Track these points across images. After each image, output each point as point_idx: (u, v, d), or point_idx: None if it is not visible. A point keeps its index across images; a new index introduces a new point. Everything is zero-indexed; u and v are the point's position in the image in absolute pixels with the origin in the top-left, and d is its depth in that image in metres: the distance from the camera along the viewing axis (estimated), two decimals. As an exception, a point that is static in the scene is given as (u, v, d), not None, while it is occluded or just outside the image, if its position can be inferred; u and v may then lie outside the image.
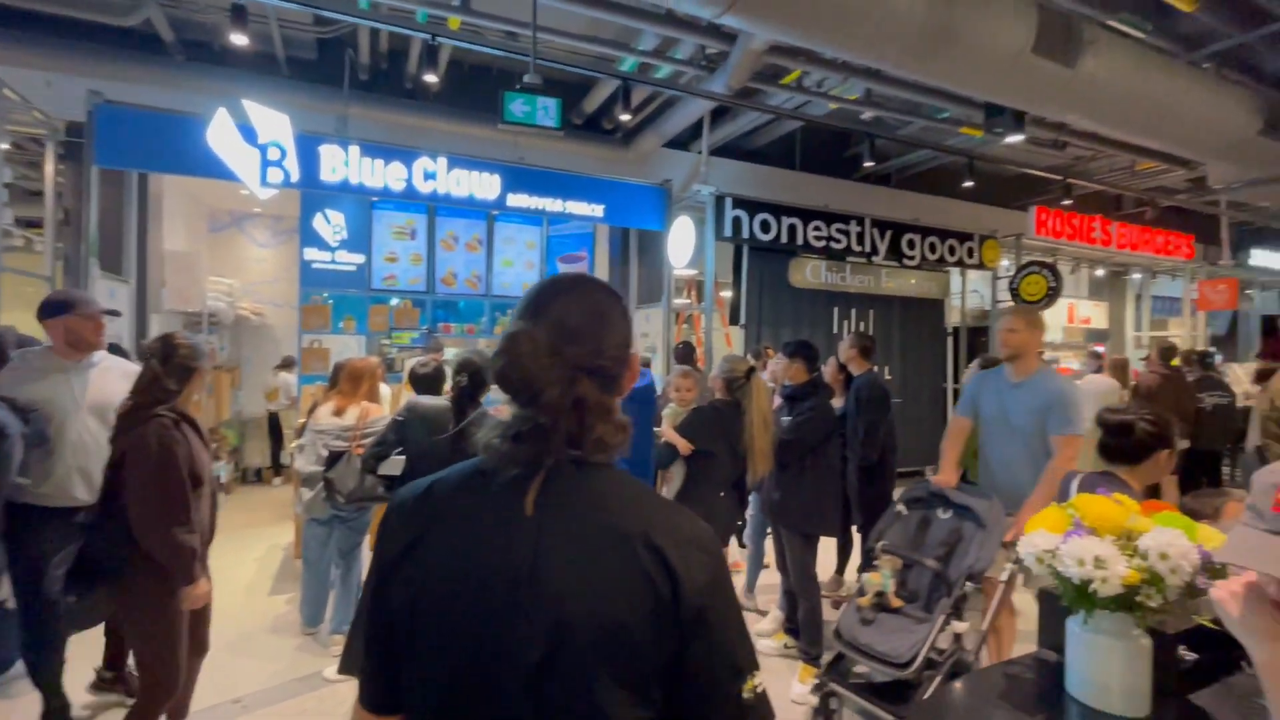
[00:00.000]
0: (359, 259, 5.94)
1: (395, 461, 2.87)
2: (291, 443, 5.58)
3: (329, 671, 3.03)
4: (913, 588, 2.45)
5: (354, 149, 4.69)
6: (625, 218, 5.91)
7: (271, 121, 4.46)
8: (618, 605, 0.67)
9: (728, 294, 6.78)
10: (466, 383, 2.65)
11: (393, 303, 6.37)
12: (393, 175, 4.80)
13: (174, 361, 2.03)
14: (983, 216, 8.37)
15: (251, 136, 4.40)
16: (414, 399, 2.99)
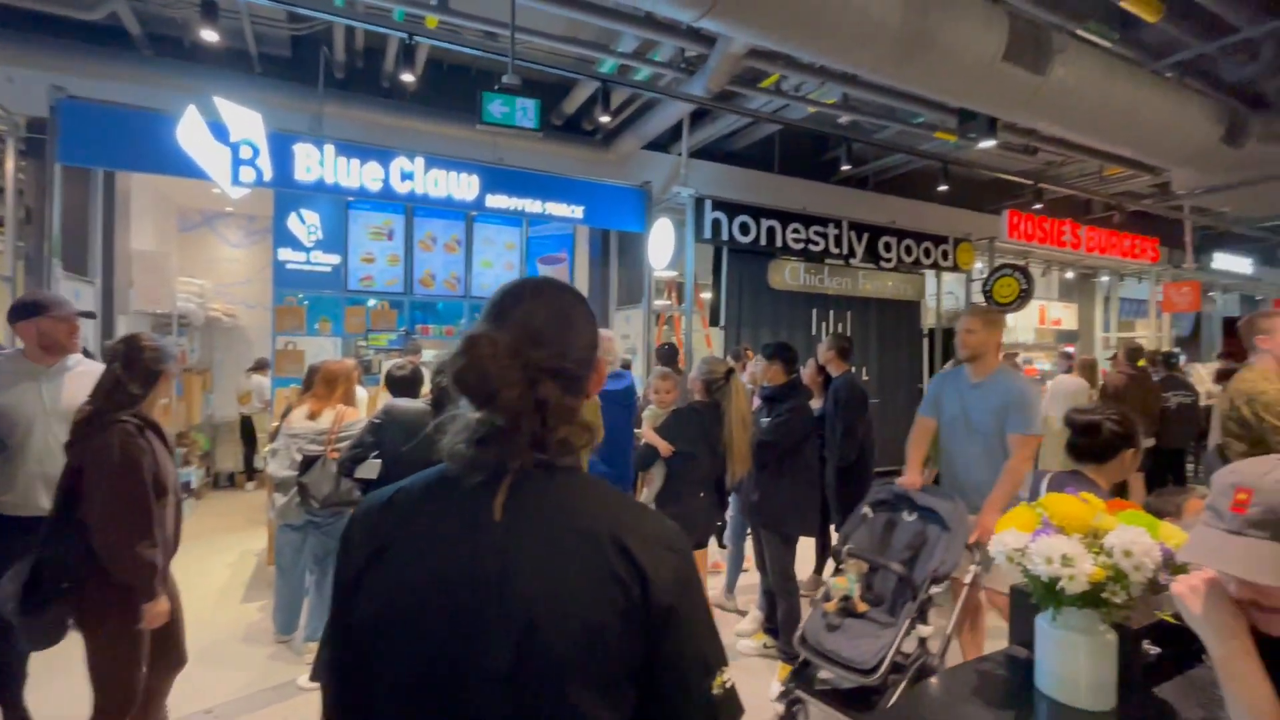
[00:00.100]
0: (335, 260, 5.86)
1: (372, 465, 2.83)
2: (265, 447, 5.48)
3: (303, 680, 2.98)
4: (878, 591, 2.45)
5: (329, 148, 4.62)
6: (605, 219, 5.91)
7: (243, 119, 4.37)
8: (588, 608, 0.67)
9: (708, 295, 6.81)
10: (446, 384, 2.63)
11: (370, 304, 6.29)
12: (369, 175, 4.73)
13: (139, 365, 1.95)
14: (957, 220, 8.52)
15: (223, 134, 4.31)
16: (391, 402, 2.96)
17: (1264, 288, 12.99)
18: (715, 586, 4.01)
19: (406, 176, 4.84)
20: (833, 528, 4.01)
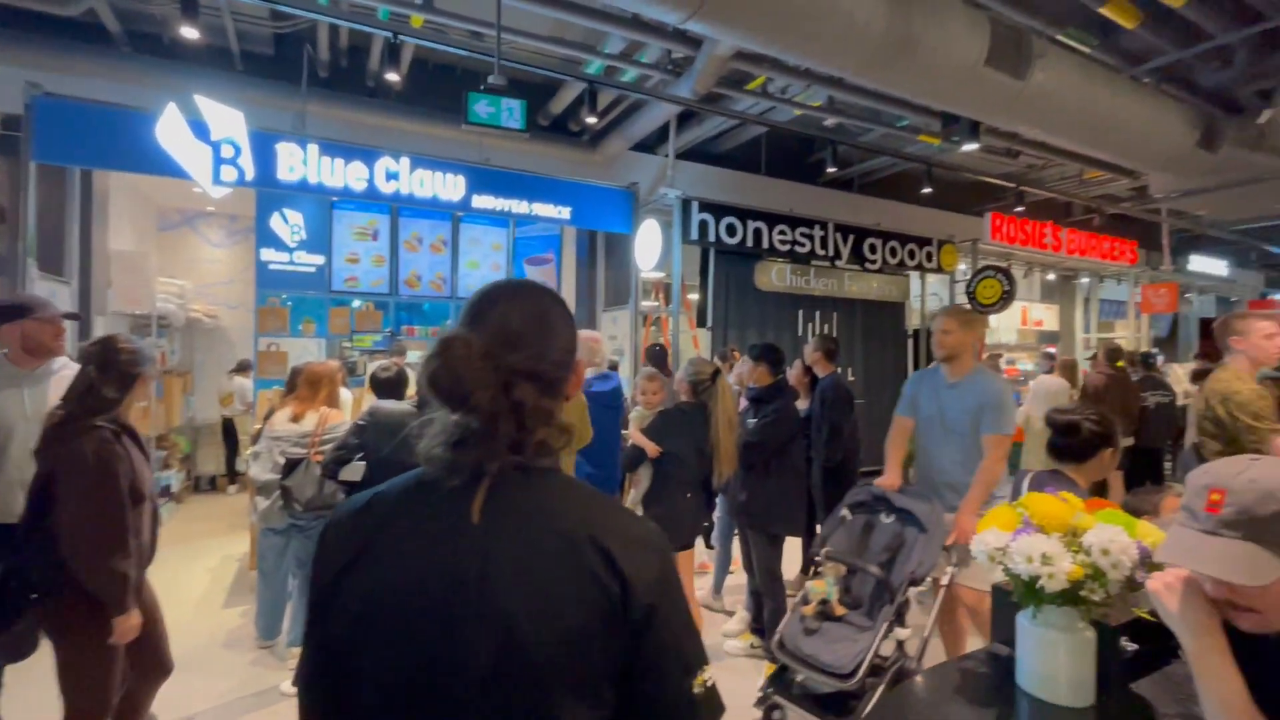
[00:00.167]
0: (319, 260, 5.80)
1: (356, 467, 2.81)
2: (247, 449, 5.41)
3: (285, 685, 2.94)
4: (856, 594, 2.43)
5: (313, 147, 4.57)
6: (592, 220, 5.90)
7: (225, 118, 4.31)
8: (568, 610, 0.67)
9: (695, 296, 6.83)
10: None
11: (354, 305, 6.24)
12: (353, 175, 4.69)
13: (114, 367, 1.88)
14: (941, 222, 8.61)
15: (203, 133, 4.25)
16: (376, 403, 2.93)
17: (1238, 289, 13.28)
18: (703, 587, 4.01)
19: (392, 176, 4.80)
20: (819, 527, 4.04)
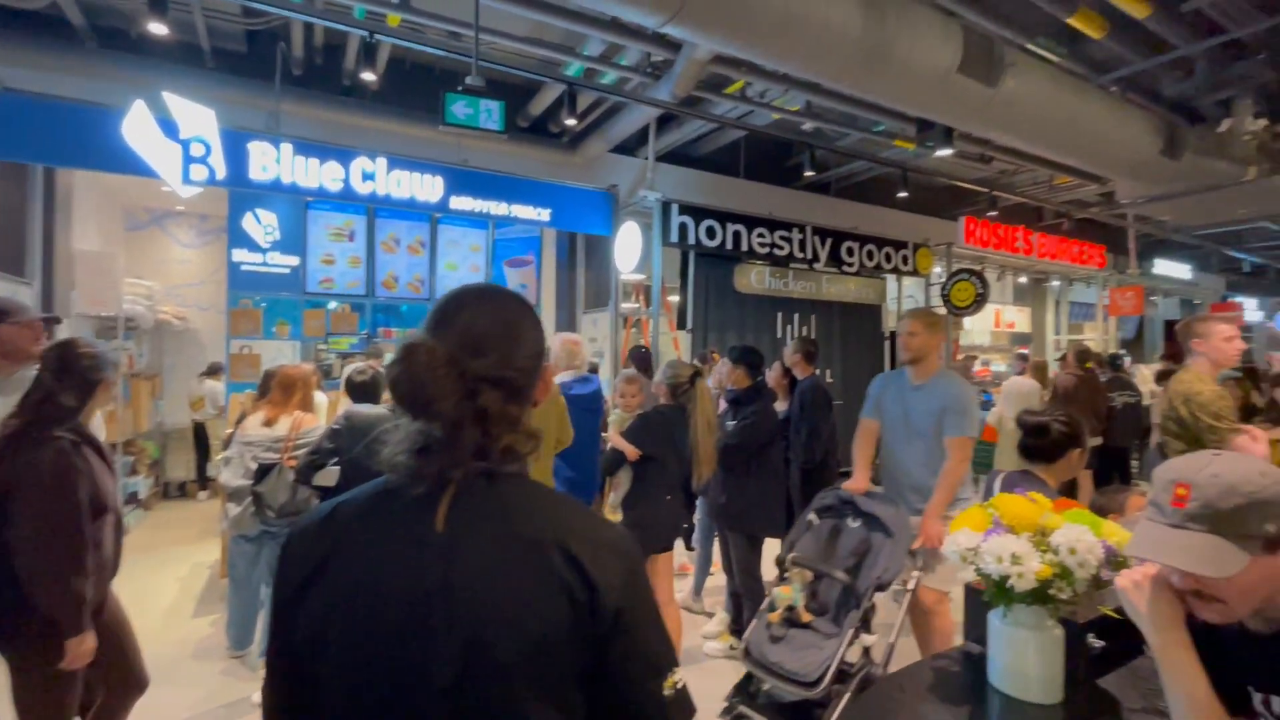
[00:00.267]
0: (293, 261, 5.71)
1: (330, 473, 2.76)
2: (218, 454, 5.29)
3: (257, 696, 2.87)
4: (823, 600, 2.38)
5: (286, 147, 4.49)
6: (572, 222, 5.89)
7: (195, 116, 4.23)
8: (535, 616, 0.67)
9: (675, 298, 6.85)
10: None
11: (330, 307, 6.15)
12: (328, 175, 4.62)
13: (73, 374, 1.80)
14: (916, 225, 8.75)
15: (172, 131, 4.16)
16: (352, 407, 2.89)
17: (1201, 292, 13.70)
18: (683, 589, 4.02)
19: (368, 177, 4.74)
20: (797, 529, 4.07)
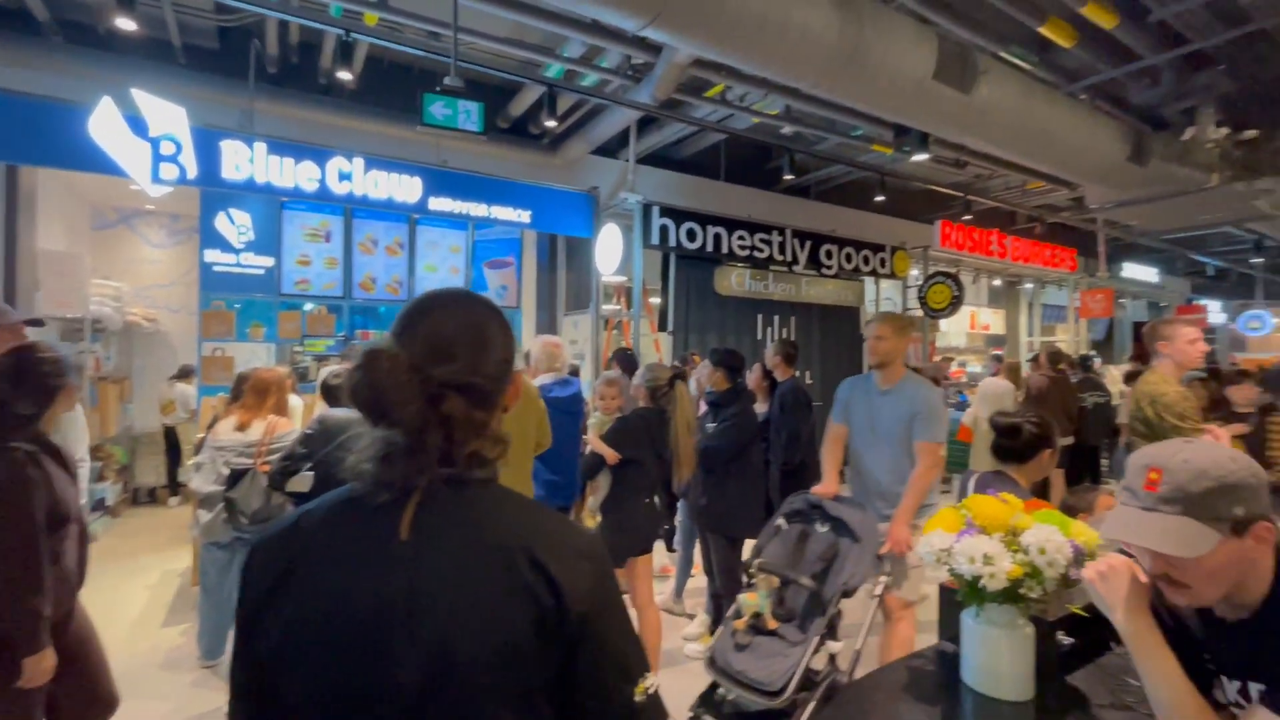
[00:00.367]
0: (268, 262, 5.59)
1: (304, 478, 2.71)
2: (189, 459, 5.17)
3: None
4: (790, 606, 2.35)
5: (260, 146, 4.42)
6: (553, 224, 5.87)
7: (165, 113, 4.14)
8: (500, 623, 0.66)
9: (656, 301, 6.86)
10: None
11: (306, 308, 6.04)
12: (304, 175, 4.55)
13: (31, 380, 1.71)
14: (893, 229, 8.88)
15: (141, 129, 4.07)
16: (326, 411, 2.84)
17: (1167, 295, 14.10)
18: (664, 591, 4.02)
19: (344, 177, 4.68)
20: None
